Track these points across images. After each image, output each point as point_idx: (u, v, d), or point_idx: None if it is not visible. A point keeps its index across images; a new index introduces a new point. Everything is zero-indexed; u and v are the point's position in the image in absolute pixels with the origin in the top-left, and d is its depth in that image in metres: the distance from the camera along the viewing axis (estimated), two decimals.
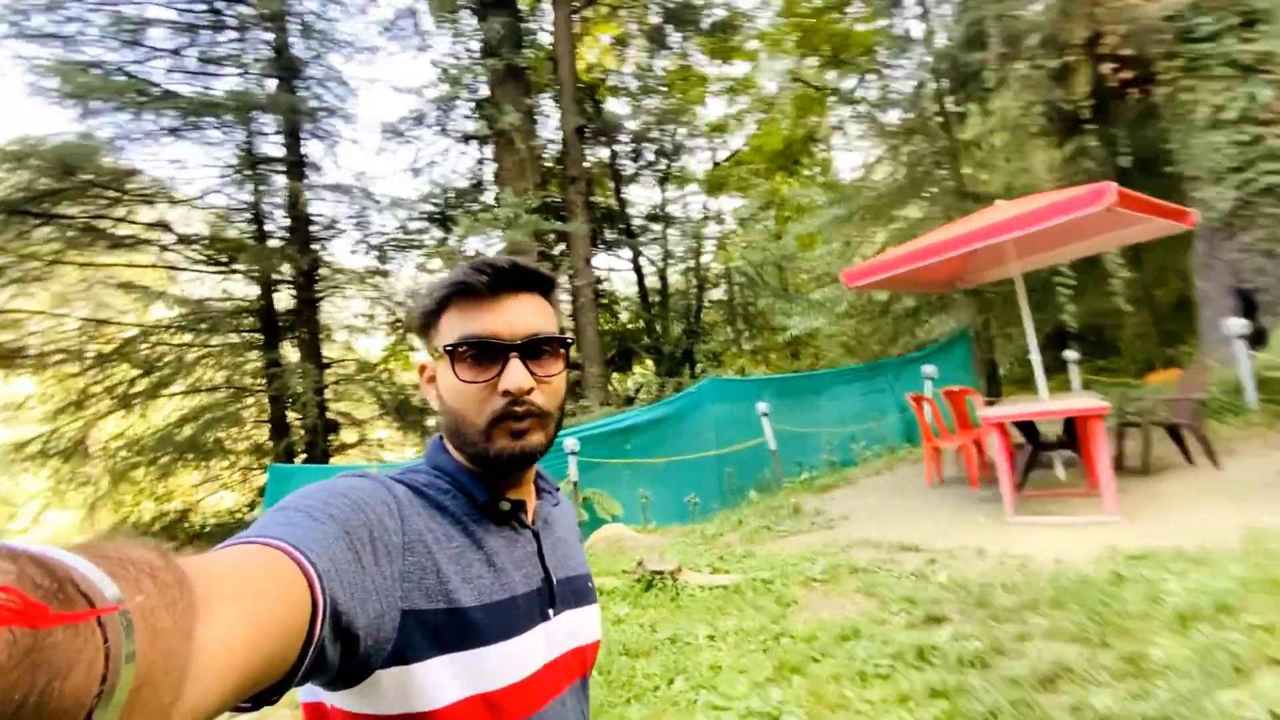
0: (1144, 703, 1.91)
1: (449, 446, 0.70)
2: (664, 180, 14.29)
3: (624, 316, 12.88)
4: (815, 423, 8.47)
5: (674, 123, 14.21)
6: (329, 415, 10.46)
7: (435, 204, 11.27)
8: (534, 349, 0.66)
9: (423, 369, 0.72)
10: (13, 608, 0.22)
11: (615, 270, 14.65)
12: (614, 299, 12.65)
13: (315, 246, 10.47)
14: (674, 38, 13.74)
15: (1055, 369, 11.63)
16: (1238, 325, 6.87)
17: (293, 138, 10.16)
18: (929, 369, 9.10)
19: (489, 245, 10.72)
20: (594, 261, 12.20)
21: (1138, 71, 7.83)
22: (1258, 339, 7.12)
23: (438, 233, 11.57)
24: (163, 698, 0.28)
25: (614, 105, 14.68)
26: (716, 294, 15.83)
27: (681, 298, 13.92)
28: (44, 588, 0.24)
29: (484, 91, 10.24)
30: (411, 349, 12.23)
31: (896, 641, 2.57)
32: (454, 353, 0.64)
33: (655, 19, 13.26)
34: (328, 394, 10.30)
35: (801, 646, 2.65)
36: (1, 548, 0.25)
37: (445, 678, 0.57)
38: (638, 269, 13.18)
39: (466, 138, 11.03)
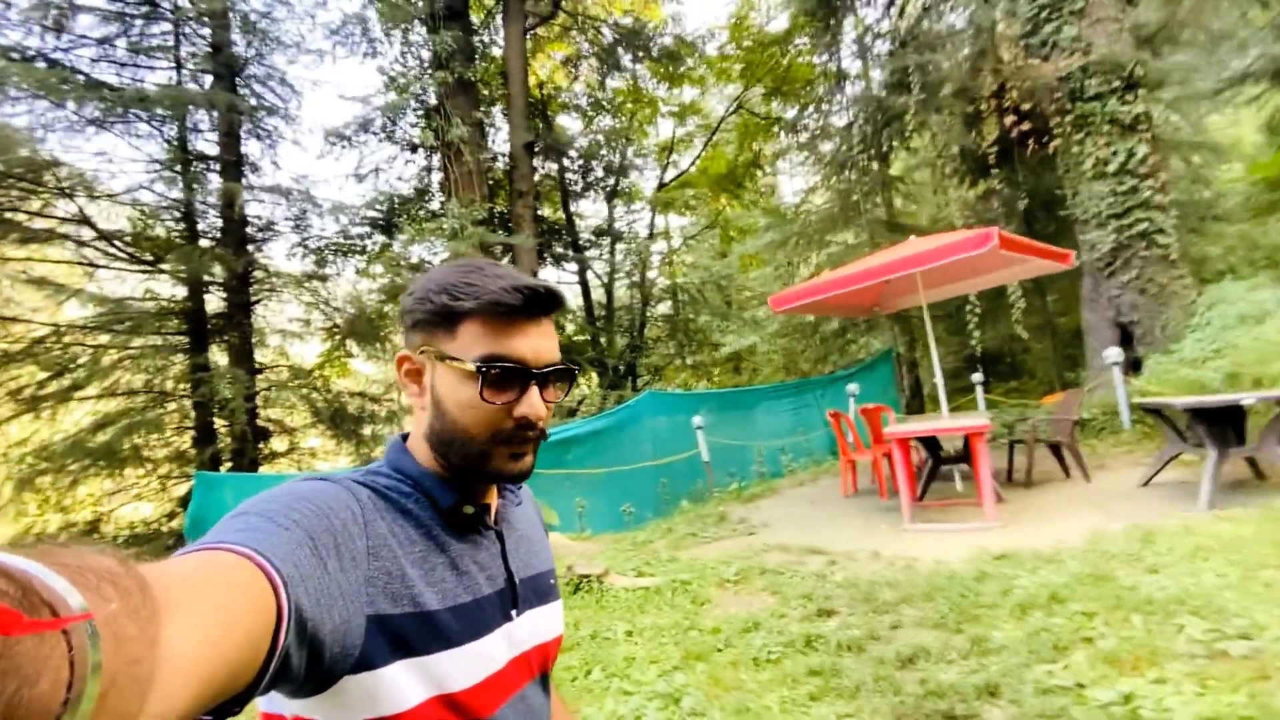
0: (978, 675, 2.27)
1: (413, 450, 0.69)
2: (612, 197, 14.62)
3: (570, 329, 13.06)
4: (748, 436, 8.88)
5: (623, 141, 14.60)
6: (259, 422, 10.14)
7: (379, 210, 11.18)
8: (552, 378, 0.68)
9: (405, 359, 0.69)
10: None
11: (562, 283, 14.83)
12: (560, 312, 12.87)
13: (250, 248, 10.19)
14: (625, 59, 14.16)
15: (974, 389, 12.56)
16: (1115, 354, 7.74)
17: (230, 136, 9.89)
18: (853, 387, 9.71)
19: (434, 254, 10.72)
20: (541, 275, 12.37)
21: (1035, 124, 8.73)
22: (1133, 367, 8.03)
23: (381, 239, 11.46)
24: (128, 705, 0.28)
25: (565, 121, 14.98)
26: (662, 309, 16.27)
27: (626, 312, 14.23)
28: (9, 595, 0.24)
29: (433, 101, 10.29)
30: (349, 355, 12.00)
31: (790, 632, 2.88)
32: (485, 373, 0.63)
33: (607, 40, 13.66)
34: (258, 400, 9.98)
35: (708, 638, 2.94)
36: None
37: (410, 681, 0.57)
38: (584, 283, 13.40)
39: (414, 146, 11.01)
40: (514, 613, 0.70)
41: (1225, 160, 15.37)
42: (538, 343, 0.66)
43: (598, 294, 14.94)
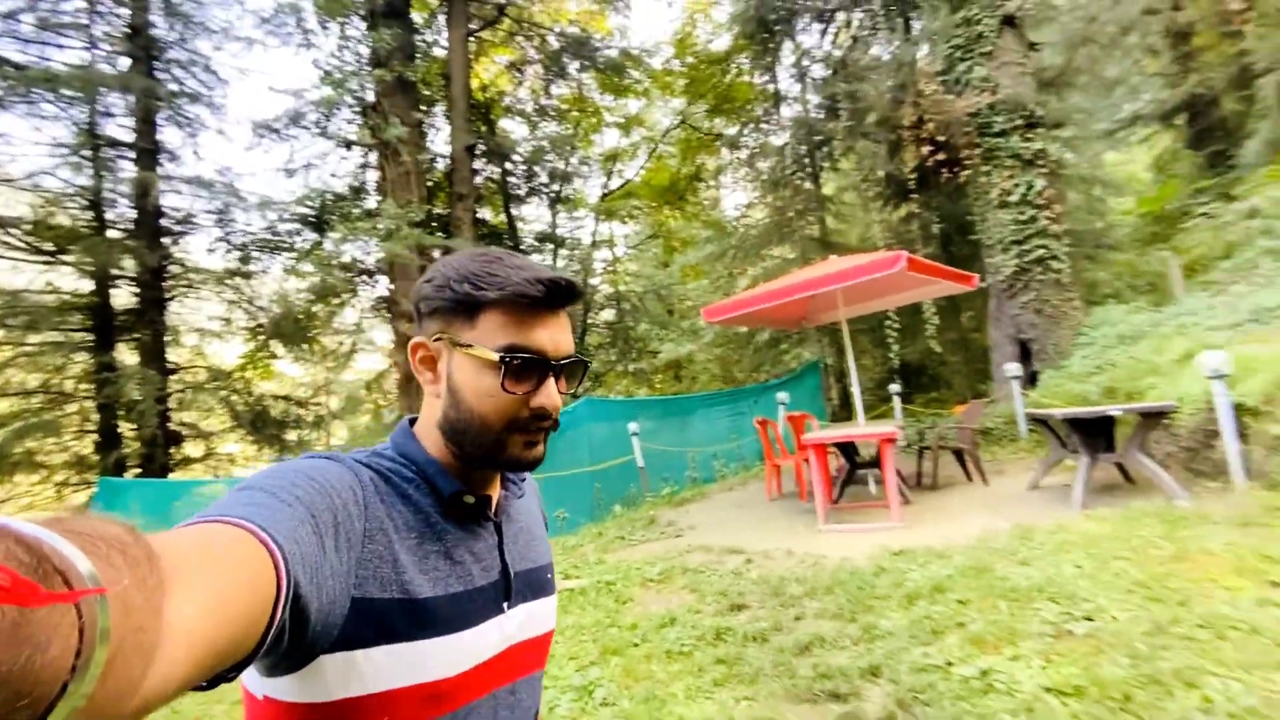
0: (864, 658, 2.51)
1: (419, 435, 0.70)
2: (555, 203, 14.67)
3: None
4: (683, 442, 9.12)
5: (568, 148, 14.67)
6: (171, 426, 9.56)
7: (310, 207, 10.80)
8: (569, 369, 0.69)
9: (417, 348, 0.70)
10: (4, 586, 0.22)
11: None
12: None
13: (166, 241, 9.63)
14: (571, 67, 14.28)
15: (904, 398, 13.27)
16: (1014, 369, 8.44)
17: (146, 123, 9.34)
18: (783, 395, 10.12)
19: (368, 253, 10.46)
20: None
21: (949, 155, 9.44)
22: (1030, 380, 8.78)
23: (312, 236, 11.07)
24: (133, 671, 0.29)
25: (509, 125, 14.93)
26: (605, 316, 16.39)
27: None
28: (26, 564, 0.24)
29: (371, 98, 10.08)
30: (273, 356, 11.49)
31: (703, 626, 3.06)
32: (507, 362, 0.64)
33: (553, 47, 13.74)
34: (171, 403, 9.42)
35: (626, 634, 3.07)
36: None
37: (388, 665, 0.57)
38: None
39: (349, 143, 10.72)
40: (506, 605, 0.70)
41: (1120, 193, 17.03)
42: (556, 334, 0.67)
43: None
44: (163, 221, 9.55)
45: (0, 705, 0.23)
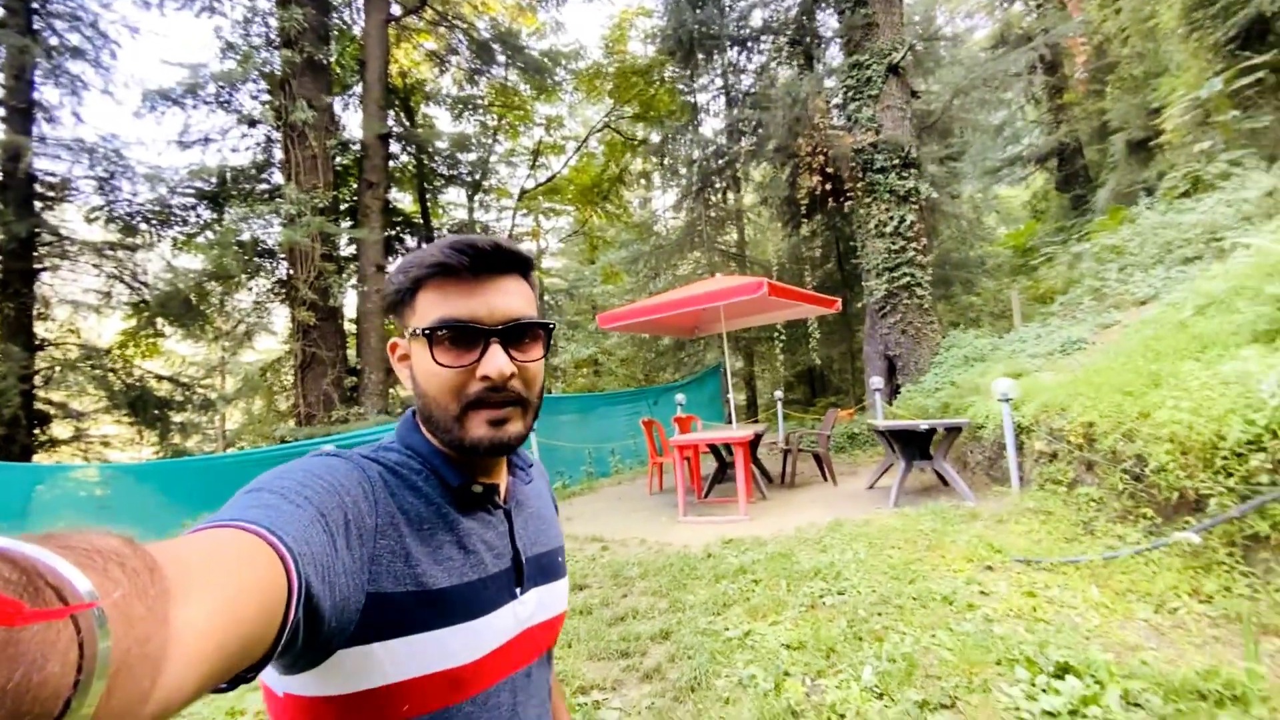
0: (665, 625, 3.04)
1: (423, 428, 0.70)
2: (475, 194, 14.67)
3: None
4: (582, 439, 9.55)
5: (491, 141, 14.71)
6: (37, 405, 8.96)
7: (207, 182, 10.36)
8: (515, 334, 0.66)
9: (394, 347, 0.71)
10: None
11: None
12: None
13: (39, 208, 8.99)
14: (498, 59, 14.30)
15: (805, 403, 14.26)
16: (877, 382, 9.46)
17: (19, 80, 8.68)
18: (680, 397, 10.77)
19: (268, 234, 10.19)
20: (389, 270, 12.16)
21: (837, 185, 10.40)
22: (895, 393, 9.85)
23: (207, 213, 10.62)
24: (140, 683, 0.29)
25: (431, 112, 14.77)
26: None
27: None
28: (14, 583, 0.24)
29: (279, 76, 9.79)
30: (159, 335, 10.93)
31: None
32: (432, 335, 0.63)
33: (480, 38, 13.73)
34: (38, 380, 8.83)
35: None
36: None
37: (408, 656, 0.57)
38: None
39: (252, 121, 10.36)
40: (519, 590, 0.70)
41: (1010, 224, 18.99)
42: (492, 300, 0.65)
43: None
44: (35, 186, 8.91)
45: None
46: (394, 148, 12.42)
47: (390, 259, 12.04)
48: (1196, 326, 4.52)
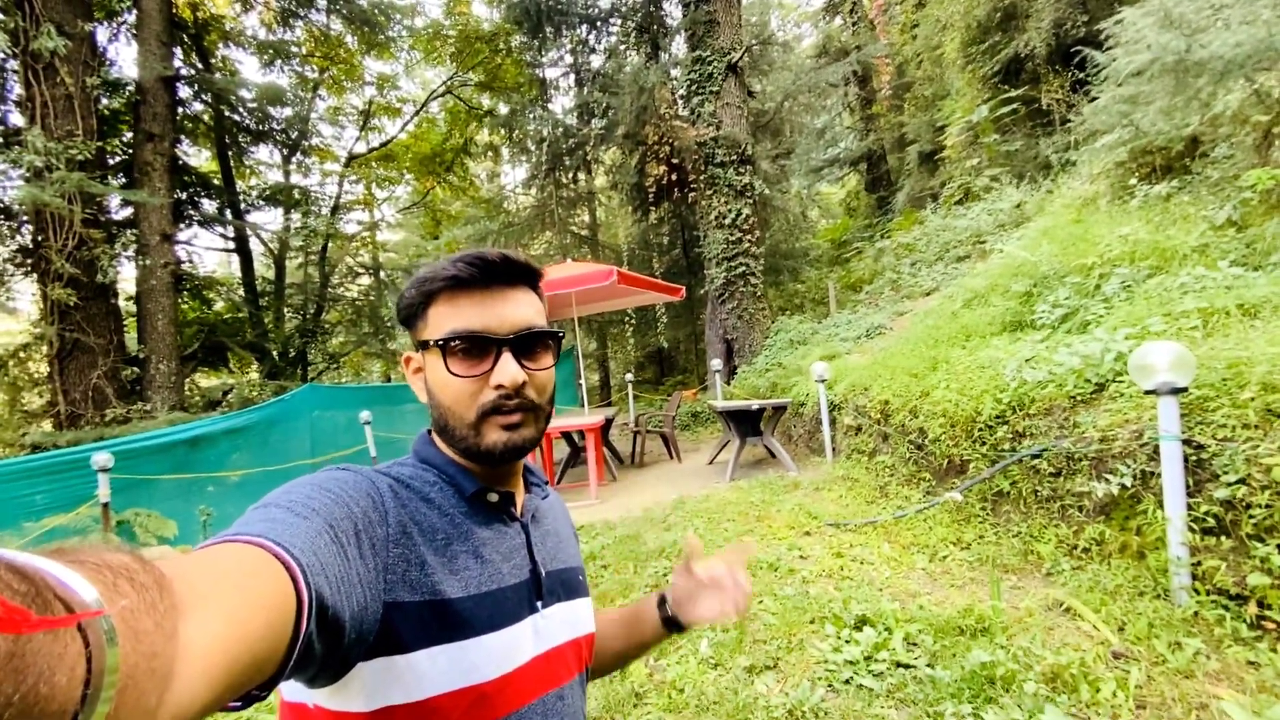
0: None
1: (437, 441, 0.71)
2: (291, 155, 12.96)
3: (219, 305, 11.15)
4: (419, 429, 9.02)
5: (310, 95, 13.04)
6: None
7: None
8: (525, 343, 0.68)
9: (408, 360, 0.73)
10: None
11: (223, 251, 12.56)
12: (208, 283, 10.84)
13: None
14: (317, 4, 12.64)
15: (654, 383, 14.62)
16: (717, 364, 10.11)
17: None
18: None
19: (5, 191, 8.11)
20: (183, 237, 10.32)
21: (682, 176, 10.83)
22: (733, 374, 10.60)
23: None
24: (148, 699, 0.29)
25: (233, 59, 12.69)
26: (358, 287, 15.05)
27: (298, 291, 12.78)
28: (21, 593, 0.24)
29: None
30: None
31: None
32: (445, 347, 0.65)
33: None
34: None
35: None
36: None
37: (431, 670, 0.57)
38: (245, 253, 11.57)
39: None
40: (540, 604, 0.70)
41: (820, 220, 21.11)
42: (503, 310, 0.67)
43: (266, 268, 13.09)
44: None
45: None
46: (184, 93, 10.50)
47: (182, 225, 10.24)
48: (963, 318, 5.43)
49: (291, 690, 0.59)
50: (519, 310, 0.68)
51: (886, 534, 3.60)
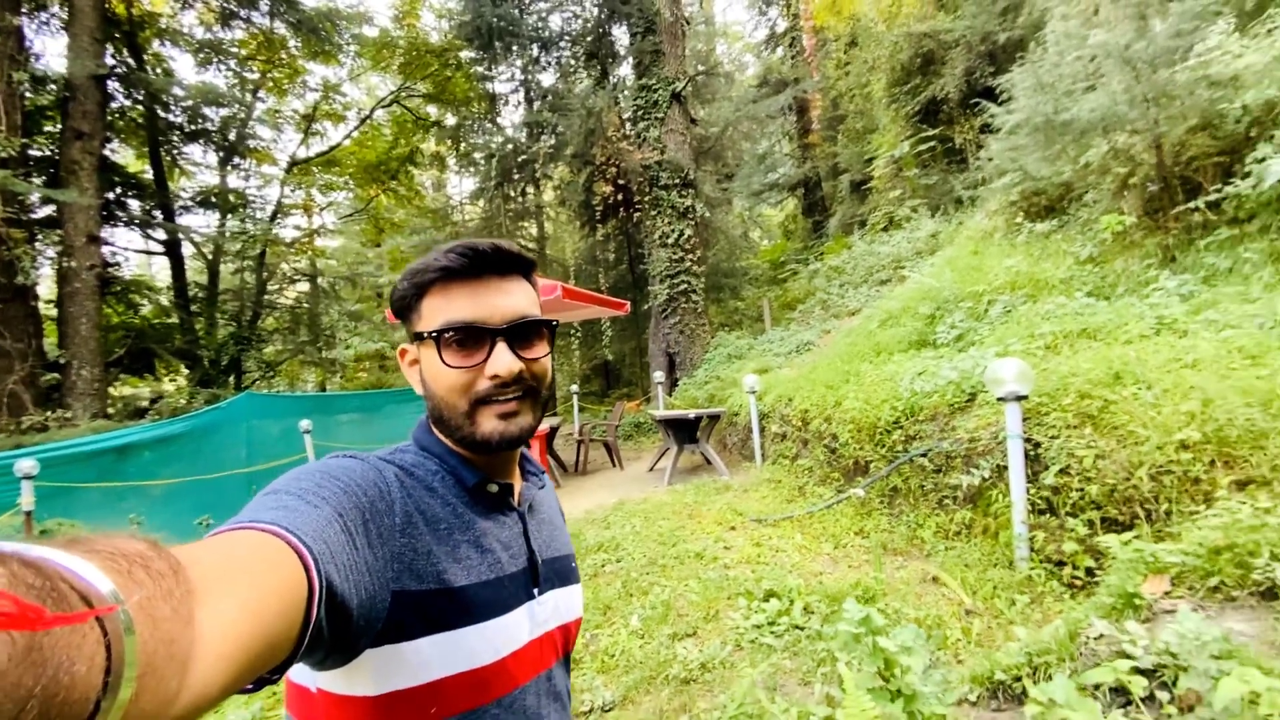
0: None
1: (435, 428, 0.71)
2: (228, 159, 12.61)
3: (146, 310, 10.68)
4: (368, 438, 8.96)
5: (248, 99, 12.75)
6: None
7: None
8: (519, 332, 0.68)
9: (404, 353, 0.73)
10: (7, 612, 0.22)
11: (151, 254, 12.03)
12: (135, 286, 10.39)
13: None
14: (259, 6, 12.42)
15: (600, 395, 14.85)
16: (660, 376, 10.53)
17: None
18: None
19: None
20: (125, 242, 9.91)
21: (628, 196, 11.28)
22: (674, 386, 11.04)
23: None
24: (167, 685, 0.29)
25: (167, 56, 12.28)
26: (293, 294, 14.64)
27: (234, 297, 12.39)
28: (36, 588, 0.24)
29: None
30: None
31: None
32: (439, 338, 0.65)
33: None
34: None
35: None
36: None
37: (433, 655, 0.58)
38: (177, 257, 11.16)
39: None
40: (536, 591, 0.71)
41: (762, 240, 22.01)
42: (494, 300, 0.67)
43: (199, 274, 12.61)
44: None
45: None
46: (113, 87, 10.12)
47: (109, 226, 9.84)
48: (878, 336, 6.04)
49: (297, 673, 0.61)
50: (512, 300, 0.69)
51: (801, 527, 4.04)
